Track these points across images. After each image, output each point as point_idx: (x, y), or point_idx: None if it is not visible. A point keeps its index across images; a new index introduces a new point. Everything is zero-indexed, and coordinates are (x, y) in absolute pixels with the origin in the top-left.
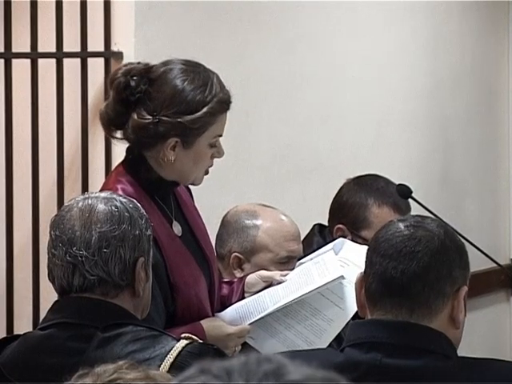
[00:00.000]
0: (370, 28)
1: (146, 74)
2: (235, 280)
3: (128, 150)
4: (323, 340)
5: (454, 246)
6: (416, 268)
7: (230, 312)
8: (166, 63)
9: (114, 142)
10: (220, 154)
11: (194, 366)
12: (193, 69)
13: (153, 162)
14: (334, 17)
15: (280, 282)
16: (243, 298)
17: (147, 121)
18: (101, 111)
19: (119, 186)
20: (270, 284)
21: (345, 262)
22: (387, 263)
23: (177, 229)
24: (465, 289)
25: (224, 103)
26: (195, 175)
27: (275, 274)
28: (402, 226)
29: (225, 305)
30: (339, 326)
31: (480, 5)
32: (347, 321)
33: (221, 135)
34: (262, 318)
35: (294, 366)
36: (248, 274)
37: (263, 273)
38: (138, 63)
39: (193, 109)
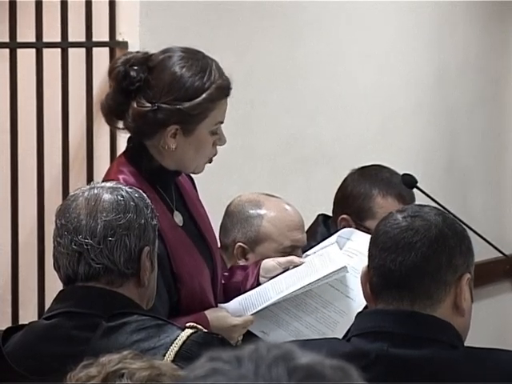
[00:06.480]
0: (375, 17)
1: (145, 62)
2: (249, 265)
3: (129, 140)
4: (336, 332)
5: (453, 234)
6: (415, 259)
7: (233, 304)
8: (165, 51)
9: (118, 132)
10: (222, 141)
11: (204, 355)
12: (191, 56)
13: (154, 151)
14: (338, 6)
15: (298, 265)
16: (258, 282)
17: (146, 109)
18: (101, 102)
19: (121, 177)
20: (287, 268)
21: (353, 252)
22: (386, 256)
23: (178, 219)
24: (467, 276)
25: (223, 89)
26: (196, 163)
27: (293, 258)
28: (399, 217)
29: (239, 290)
30: (352, 318)
31: None
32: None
33: (222, 122)
34: (265, 307)
35: (303, 351)
36: (264, 258)
37: (281, 259)
38: (137, 52)
39: (192, 95)
